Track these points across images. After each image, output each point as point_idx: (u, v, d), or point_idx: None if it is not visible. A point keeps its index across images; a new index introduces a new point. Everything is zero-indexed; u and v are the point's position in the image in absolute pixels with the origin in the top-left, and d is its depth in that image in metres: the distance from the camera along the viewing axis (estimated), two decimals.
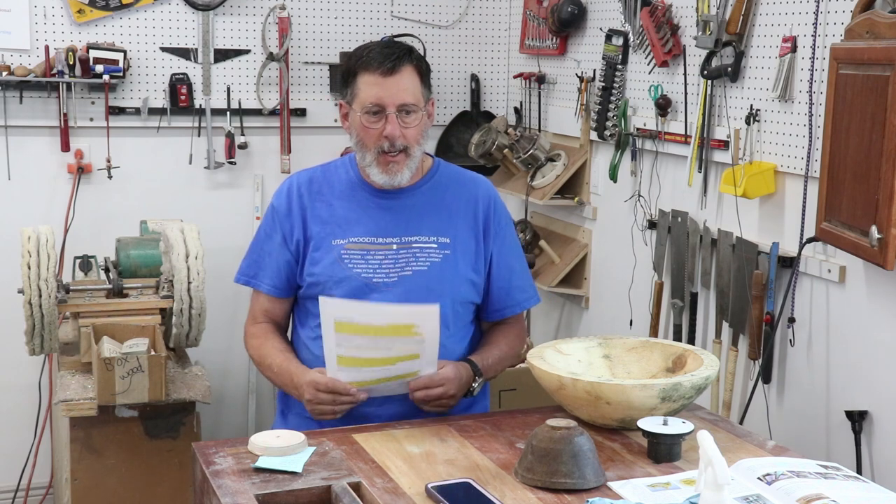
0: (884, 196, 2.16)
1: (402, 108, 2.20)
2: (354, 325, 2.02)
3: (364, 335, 2.03)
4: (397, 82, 2.19)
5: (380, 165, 2.23)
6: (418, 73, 2.23)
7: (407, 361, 2.07)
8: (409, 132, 2.21)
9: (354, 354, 2.05)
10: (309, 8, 3.88)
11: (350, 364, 2.06)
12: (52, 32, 3.59)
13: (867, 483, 1.76)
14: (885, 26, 2.19)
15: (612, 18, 3.39)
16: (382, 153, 2.22)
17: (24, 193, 3.66)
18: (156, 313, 3.06)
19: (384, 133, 2.19)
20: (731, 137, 2.81)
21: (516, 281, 2.36)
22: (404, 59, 2.21)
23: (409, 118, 2.21)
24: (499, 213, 2.36)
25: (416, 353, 2.07)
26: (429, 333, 2.05)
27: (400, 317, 2.05)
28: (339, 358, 2.05)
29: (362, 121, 2.21)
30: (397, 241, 2.27)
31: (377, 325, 2.03)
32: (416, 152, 2.24)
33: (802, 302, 2.63)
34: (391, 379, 2.09)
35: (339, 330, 2.02)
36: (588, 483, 1.75)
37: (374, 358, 2.05)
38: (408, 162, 2.23)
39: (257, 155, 3.90)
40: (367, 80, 2.20)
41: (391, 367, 2.07)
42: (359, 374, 2.07)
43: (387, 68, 2.18)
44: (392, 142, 2.20)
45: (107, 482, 2.91)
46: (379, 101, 2.19)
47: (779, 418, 2.72)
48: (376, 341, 2.04)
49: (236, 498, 1.72)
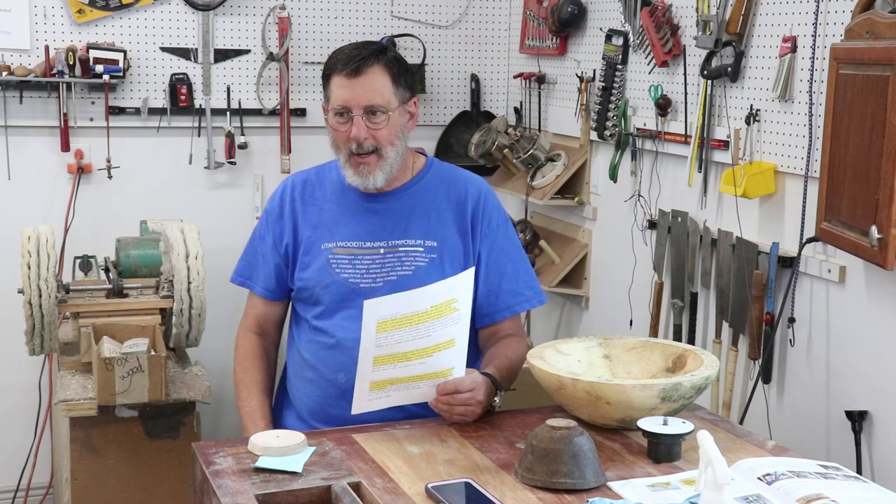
0: (884, 196, 2.16)
1: (368, 109, 2.19)
2: (397, 320, 1.95)
3: (407, 326, 1.95)
4: (363, 83, 2.18)
5: (352, 167, 2.23)
6: (389, 73, 2.21)
7: (443, 351, 1.99)
8: (378, 133, 2.20)
9: (394, 351, 1.97)
10: (309, 8, 3.88)
11: (387, 362, 1.98)
12: (52, 32, 3.59)
13: (867, 483, 1.76)
14: (885, 26, 2.19)
15: (612, 18, 3.39)
16: (352, 155, 2.21)
17: (24, 193, 3.66)
18: (156, 313, 3.06)
19: (350, 135, 2.19)
20: (731, 137, 2.81)
21: (507, 284, 2.30)
22: (371, 59, 2.19)
23: (378, 118, 2.19)
24: (489, 212, 2.31)
25: (452, 339, 2.00)
26: (463, 304, 1.99)
27: (441, 294, 1.98)
28: (375, 359, 1.97)
29: (332, 123, 2.22)
30: (384, 244, 2.25)
31: (421, 311, 1.96)
32: (390, 153, 2.22)
33: (802, 302, 2.63)
34: (424, 377, 2.01)
35: (381, 330, 1.95)
36: (588, 483, 1.75)
37: (412, 350, 1.97)
38: (380, 164, 2.22)
39: (257, 155, 3.90)
40: (335, 83, 2.21)
41: (427, 359, 1.99)
42: (394, 370, 1.99)
43: (351, 69, 2.18)
44: (359, 143, 2.19)
45: (107, 482, 2.91)
46: (345, 103, 2.19)
47: (779, 418, 2.72)
48: (418, 330, 1.96)
49: (236, 498, 1.72)
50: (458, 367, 2.03)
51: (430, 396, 2.04)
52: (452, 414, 2.05)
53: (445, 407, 2.04)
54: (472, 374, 2.08)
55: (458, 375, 2.03)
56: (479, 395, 2.06)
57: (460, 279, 2.01)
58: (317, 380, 2.27)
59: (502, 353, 2.25)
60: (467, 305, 2.00)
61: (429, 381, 2.02)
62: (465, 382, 2.04)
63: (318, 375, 2.27)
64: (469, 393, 2.04)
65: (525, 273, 2.36)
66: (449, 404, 2.03)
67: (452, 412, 2.05)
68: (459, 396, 2.03)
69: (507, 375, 2.21)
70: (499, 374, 2.16)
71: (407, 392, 2.03)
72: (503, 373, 2.18)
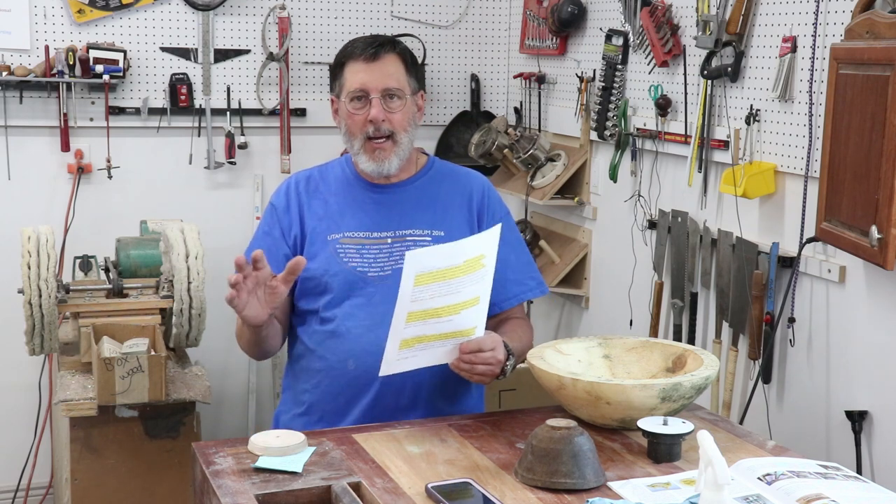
0: (884, 196, 2.16)
1: (386, 92, 2.23)
2: (434, 273, 1.95)
3: (441, 281, 1.96)
4: (381, 68, 2.23)
5: (367, 153, 2.25)
6: (403, 61, 2.27)
7: (469, 309, 2.01)
8: (394, 117, 2.24)
9: (426, 307, 1.97)
10: (309, 8, 3.88)
11: (418, 318, 1.99)
12: (52, 32, 3.59)
13: (867, 483, 1.76)
14: (885, 26, 2.19)
15: (612, 18, 3.39)
16: (368, 139, 2.24)
17: (24, 193, 3.66)
18: (156, 313, 3.07)
19: (368, 117, 2.22)
20: (731, 137, 2.81)
21: (511, 274, 2.34)
22: (387, 46, 2.26)
23: (394, 103, 2.24)
24: (493, 205, 2.37)
25: (477, 297, 2.02)
26: (489, 261, 2.01)
27: (473, 249, 2.00)
28: (408, 315, 1.97)
29: (348, 108, 2.25)
30: (391, 234, 2.28)
31: (456, 265, 1.97)
32: (404, 139, 2.26)
33: (802, 302, 2.63)
34: (449, 336, 2.02)
35: (419, 283, 1.95)
36: (588, 483, 1.75)
37: (443, 307, 1.99)
38: (395, 149, 2.25)
39: (257, 155, 3.90)
40: (351, 69, 2.25)
41: (455, 317, 2.00)
42: (424, 327, 2.00)
43: (369, 54, 2.23)
44: (377, 125, 2.22)
45: (107, 482, 2.91)
46: (363, 85, 2.23)
47: (779, 418, 2.72)
48: (450, 285, 1.97)
49: (236, 498, 1.72)
50: (479, 326, 2.06)
51: (453, 356, 2.06)
52: (473, 373, 2.07)
53: (467, 366, 2.06)
54: (491, 334, 2.11)
55: (479, 334, 2.06)
56: (500, 355, 2.09)
57: (489, 235, 2.02)
58: (325, 369, 2.28)
59: (511, 330, 2.29)
60: (492, 262, 2.02)
61: (453, 339, 2.04)
62: (487, 342, 2.06)
63: (326, 365, 2.28)
64: (491, 352, 2.07)
65: (527, 263, 2.42)
66: (471, 363, 2.05)
67: (474, 370, 2.07)
68: (482, 355, 2.05)
69: (518, 347, 2.23)
70: (510, 343, 2.18)
71: (432, 351, 2.05)
72: (514, 343, 2.21)
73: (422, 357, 2.05)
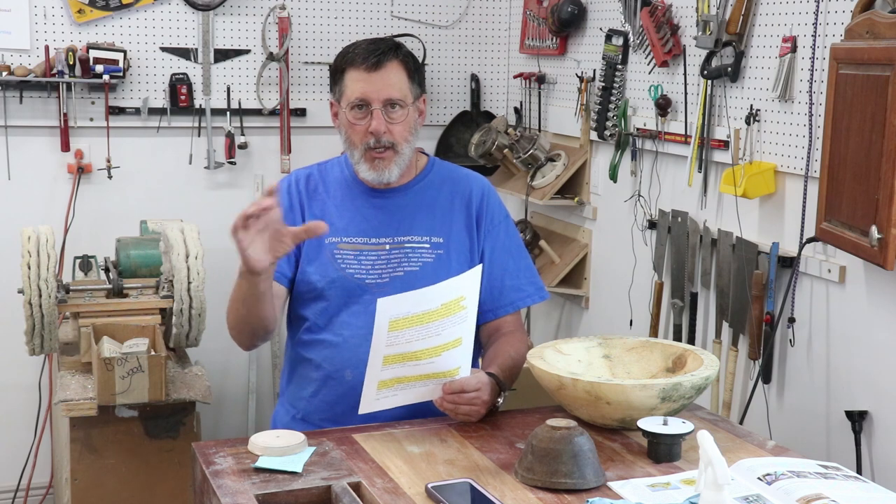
0: (884, 196, 2.16)
1: (388, 102, 2.19)
2: (409, 318, 1.93)
3: (418, 325, 1.94)
4: (382, 77, 2.19)
5: (367, 162, 2.23)
6: (405, 68, 2.23)
7: (451, 350, 1.99)
8: (395, 128, 2.20)
9: (404, 350, 1.96)
10: (309, 8, 3.88)
11: (396, 361, 1.97)
12: (52, 32, 3.59)
13: (867, 483, 1.76)
14: (885, 26, 2.19)
15: (612, 18, 3.39)
16: (369, 149, 2.21)
17: (24, 193, 3.66)
18: (156, 313, 3.07)
19: (369, 129, 2.19)
20: (731, 137, 2.81)
21: (509, 280, 2.32)
22: (389, 54, 2.21)
23: (395, 113, 2.20)
24: (492, 209, 2.34)
25: (459, 338, 1.99)
26: (471, 302, 1.98)
27: (451, 292, 1.97)
28: (385, 358, 1.96)
29: (349, 117, 2.22)
30: (390, 241, 2.26)
31: (432, 309, 1.95)
32: (405, 149, 2.23)
33: (802, 302, 2.63)
34: (431, 376, 2.00)
35: (393, 328, 1.93)
36: (588, 483, 1.75)
37: (422, 350, 1.97)
38: (396, 159, 2.22)
39: (257, 155, 3.90)
40: (352, 77, 2.21)
41: (436, 359, 1.98)
42: (402, 369, 1.98)
43: (371, 63, 2.18)
44: (378, 137, 2.19)
45: (107, 482, 2.91)
46: (364, 96, 2.19)
47: (779, 418, 2.72)
48: (428, 328, 1.95)
49: (236, 498, 1.72)
50: (464, 367, 2.03)
51: (436, 395, 2.04)
52: (457, 413, 2.05)
53: (451, 406, 2.03)
54: (477, 374, 2.08)
55: (464, 375, 2.03)
56: (485, 395, 2.06)
57: (468, 277, 2.00)
58: (323, 378, 2.26)
59: (504, 352, 2.25)
60: (474, 304, 2.00)
61: (436, 380, 2.02)
62: (471, 382, 2.03)
63: (323, 374, 2.26)
64: (475, 393, 2.04)
65: (527, 269, 2.37)
66: (454, 403, 2.03)
67: (457, 411, 2.04)
68: (465, 396, 2.03)
69: (509, 375, 2.21)
70: (502, 374, 2.16)
71: (413, 391, 2.03)
72: (506, 372, 2.18)
73: (402, 396, 2.03)
